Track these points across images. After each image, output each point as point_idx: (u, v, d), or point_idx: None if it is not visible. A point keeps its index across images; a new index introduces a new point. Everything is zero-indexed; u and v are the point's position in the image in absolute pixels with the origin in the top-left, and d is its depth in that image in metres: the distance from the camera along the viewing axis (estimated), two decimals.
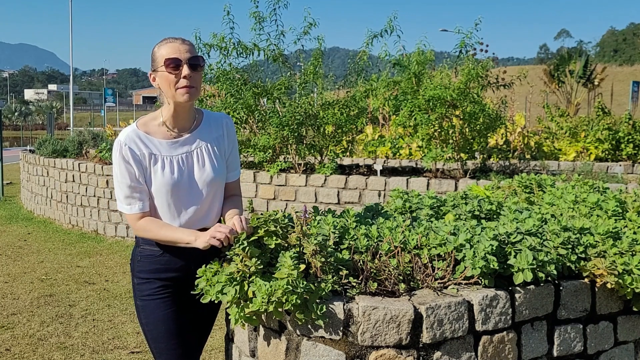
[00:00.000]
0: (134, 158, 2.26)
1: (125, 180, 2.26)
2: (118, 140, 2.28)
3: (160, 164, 2.28)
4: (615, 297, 2.60)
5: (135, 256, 2.40)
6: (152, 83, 2.33)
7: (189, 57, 2.24)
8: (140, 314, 2.39)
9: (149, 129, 2.32)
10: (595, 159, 9.56)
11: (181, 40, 2.29)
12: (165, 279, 2.35)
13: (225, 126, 2.45)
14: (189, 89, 2.24)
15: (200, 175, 2.33)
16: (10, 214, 10.89)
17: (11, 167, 19.79)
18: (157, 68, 2.26)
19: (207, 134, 2.39)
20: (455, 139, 7.25)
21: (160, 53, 2.25)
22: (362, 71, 8.04)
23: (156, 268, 2.34)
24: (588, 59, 25.63)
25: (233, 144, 2.48)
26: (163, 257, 2.34)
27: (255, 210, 7.54)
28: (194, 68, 2.24)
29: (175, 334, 2.35)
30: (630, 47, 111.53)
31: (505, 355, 2.27)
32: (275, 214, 2.34)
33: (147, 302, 2.35)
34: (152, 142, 2.30)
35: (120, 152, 2.26)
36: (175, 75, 2.22)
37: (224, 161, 2.43)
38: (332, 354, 2.11)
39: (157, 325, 2.34)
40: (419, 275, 2.32)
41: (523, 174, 3.89)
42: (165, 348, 2.35)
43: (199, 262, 2.31)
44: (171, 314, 2.35)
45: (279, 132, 7.45)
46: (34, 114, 70.18)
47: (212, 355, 4.25)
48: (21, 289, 5.95)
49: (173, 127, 2.34)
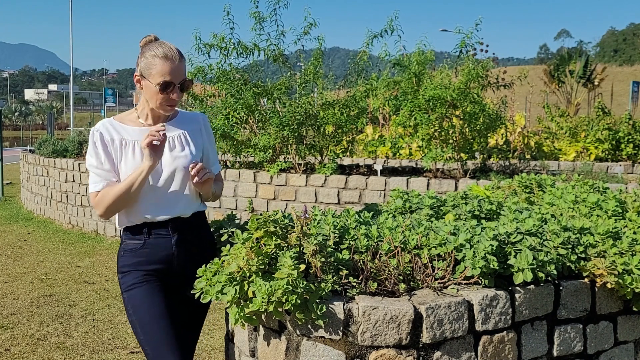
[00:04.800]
0: (102, 142, 2.32)
1: (93, 162, 2.33)
2: (93, 127, 2.37)
3: (132, 147, 2.33)
4: (615, 297, 2.59)
5: (119, 251, 2.43)
6: (135, 83, 2.37)
7: (181, 81, 2.29)
8: (128, 305, 2.34)
9: (123, 119, 2.42)
10: (595, 159, 9.56)
11: (178, 57, 2.30)
12: (148, 271, 2.34)
13: (202, 121, 2.52)
14: (173, 106, 2.35)
15: (171, 160, 2.35)
16: (10, 214, 10.90)
17: (11, 167, 19.79)
18: (148, 78, 2.29)
19: (182, 125, 2.44)
20: (455, 139, 7.25)
21: (154, 67, 2.27)
22: (362, 71, 8.04)
23: (138, 261, 2.35)
24: (588, 59, 25.64)
25: (210, 138, 2.54)
26: (144, 249, 2.35)
27: (255, 210, 7.54)
28: (182, 87, 2.32)
29: (164, 317, 2.29)
30: (630, 47, 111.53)
31: (505, 355, 2.27)
32: (275, 214, 2.34)
33: (132, 291, 2.34)
34: (125, 129, 2.37)
35: (92, 137, 2.34)
36: (164, 94, 2.29)
37: (200, 150, 2.45)
38: (332, 354, 2.11)
39: (144, 312, 2.29)
40: (419, 275, 2.32)
41: (523, 174, 3.89)
42: (154, 332, 2.26)
43: (182, 254, 2.35)
44: (157, 299, 2.31)
45: (279, 132, 7.45)
46: (34, 114, 70.20)
47: (212, 355, 4.25)
48: (21, 289, 5.96)
49: (146, 122, 2.41)
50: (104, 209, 2.32)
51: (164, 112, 2.36)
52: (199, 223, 2.48)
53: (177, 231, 2.37)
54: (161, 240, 2.36)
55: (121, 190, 2.28)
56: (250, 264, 2.17)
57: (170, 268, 2.37)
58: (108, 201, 2.30)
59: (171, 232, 2.37)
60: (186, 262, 2.39)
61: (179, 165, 2.36)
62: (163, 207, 2.35)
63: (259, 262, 2.17)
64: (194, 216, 2.44)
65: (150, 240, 2.36)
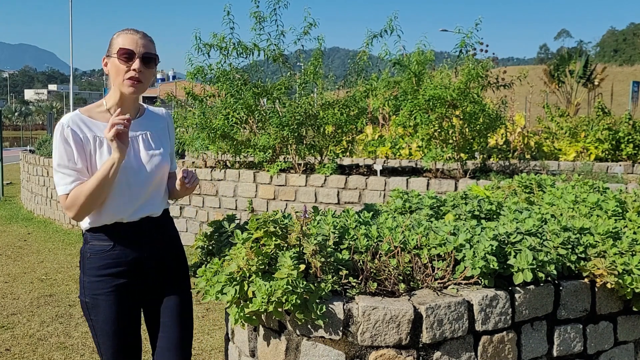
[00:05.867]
0: (75, 140, 2.21)
1: (63, 161, 2.20)
2: (60, 123, 2.24)
3: (107, 146, 2.24)
4: (615, 297, 2.59)
5: (85, 253, 2.32)
6: (103, 67, 2.33)
7: (143, 52, 2.25)
8: (89, 310, 2.31)
9: (92, 114, 2.31)
10: (595, 159, 9.56)
11: (142, 35, 2.29)
12: (118, 274, 2.28)
13: (167, 118, 2.51)
14: (136, 83, 2.25)
15: (148, 158, 2.33)
16: (10, 214, 10.90)
17: (11, 167, 19.79)
18: (111, 54, 2.27)
19: (152, 124, 2.42)
20: (455, 139, 7.25)
21: (117, 41, 2.27)
22: (362, 71, 8.03)
23: (107, 263, 2.27)
24: (588, 59, 25.61)
25: (172, 135, 2.53)
26: (113, 251, 2.28)
27: (255, 210, 7.54)
28: (146, 63, 2.26)
29: (122, 334, 2.30)
30: (630, 47, 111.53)
31: (505, 355, 2.27)
32: (275, 214, 2.34)
33: (98, 300, 2.28)
34: (97, 126, 2.27)
35: (62, 134, 2.20)
36: (126, 66, 2.24)
37: (168, 148, 2.45)
38: (332, 354, 2.11)
39: (106, 324, 2.29)
40: (419, 275, 2.32)
41: (523, 174, 3.89)
42: (111, 346, 2.30)
43: (153, 254, 2.32)
44: (122, 313, 2.29)
45: (279, 132, 7.45)
46: (34, 114, 70.20)
47: (212, 355, 4.25)
48: (21, 289, 5.95)
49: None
50: (78, 209, 2.19)
51: (128, 92, 2.26)
52: (166, 221, 2.45)
53: (147, 230, 2.33)
54: (131, 240, 2.30)
55: (93, 186, 2.16)
56: (250, 264, 2.17)
57: (141, 269, 2.32)
58: (82, 200, 2.17)
59: (141, 231, 2.32)
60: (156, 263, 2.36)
61: (155, 163, 2.33)
62: (138, 206, 2.29)
63: (258, 262, 2.17)
64: (163, 214, 2.42)
65: (120, 241, 2.29)
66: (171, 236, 2.47)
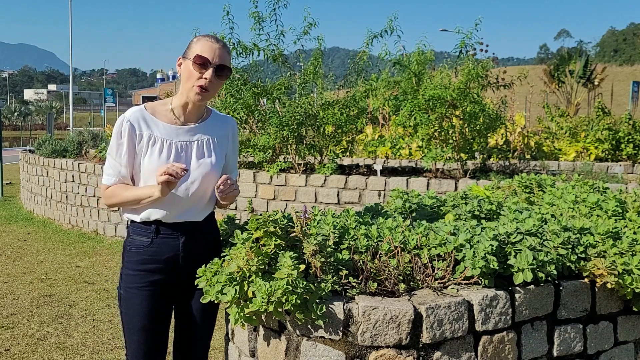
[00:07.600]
0: (129, 135, 2.27)
1: (112, 151, 2.30)
2: (123, 115, 2.31)
3: (159, 146, 2.29)
4: (615, 297, 2.59)
5: (126, 246, 2.39)
6: (176, 67, 2.36)
7: (218, 63, 2.27)
8: (122, 302, 2.38)
9: (155, 111, 2.35)
10: (595, 159, 9.56)
11: (222, 45, 2.31)
12: (153, 271, 2.33)
13: (231, 128, 2.50)
14: (204, 92, 2.28)
15: (196, 166, 2.33)
16: (10, 214, 10.89)
17: (11, 167, 19.79)
18: (187, 57, 2.29)
19: (212, 130, 2.42)
20: (455, 139, 7.25)
21: (196, 46, 2.29)
22: (362, 71, 8.03)
23: (143, 259, 2.33)
24: (588, 59, 25.62)
25: (235, 145, 2.53)
26: (151, 247, 2.33)
27: (255, 210, 7.54)
28: (218, 74, 2.28)
29: (149, 330, 2.35)
30: (630, 47, 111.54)
31: (505, 355, 2.27)
32: (275, 214, 2.34)
33: (131, 294, 2.34)
34: (156, 124, 2.32)
35: (121, 126, 2.28)
36: (199, 73, 2.26)
37: (222, 158, 2.44)
38: (332, 354, 2.11)
39: (135, 318, 2.34)
40: (419, 275, 2.32)
41: (523, 174, 3.89)
42: (136, 341, 2.36)
43: (188, 255, 2.34)
44: (152, 311, 2.34)
45: (279, 132, 7.45)
46: (33, 114, 70.17)
47: (212, 355, 4.25)
48: (21, 289, 5.95)
49: (180, 116, 2.36)
50: (110, 205, 2.36)
51: (194, 100, 2.29)
52: (210, 227, 2.47)
53: (186, 233, 2.35)
54: (169, 240, 2.33)
55: (128, 199, 2.29)
56: (250, 264, 2.17)
57: (175, 268, 2.35)
58: (115, 201, 2.33)
59: (180, 234, 2.34)
60: (191, 264, 2.37)
61: (202, 172, 2.34)
62: (178, 211, 2.32)
63: (258, 262, 2.17)
64: (205, 220, 2.43)
65: (158, 240, 2.33)
66: (209, 239, 2.46)
